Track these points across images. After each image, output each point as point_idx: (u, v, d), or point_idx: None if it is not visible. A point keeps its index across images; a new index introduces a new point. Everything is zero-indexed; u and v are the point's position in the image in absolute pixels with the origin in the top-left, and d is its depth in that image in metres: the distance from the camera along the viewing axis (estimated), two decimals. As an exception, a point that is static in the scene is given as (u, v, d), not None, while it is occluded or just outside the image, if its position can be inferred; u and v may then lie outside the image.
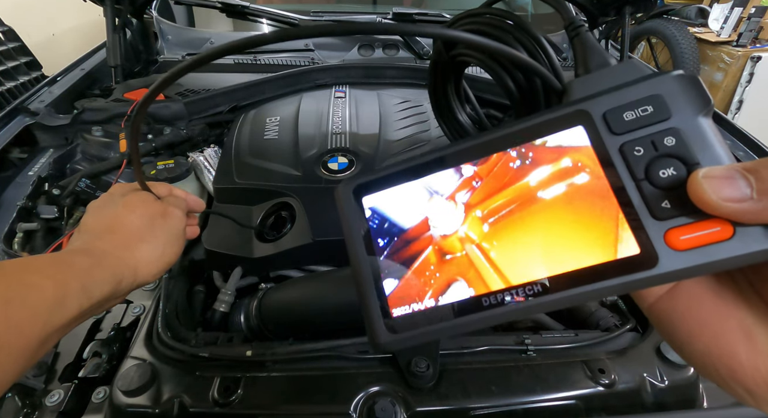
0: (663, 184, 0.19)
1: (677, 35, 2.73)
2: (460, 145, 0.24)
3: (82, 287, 0.35)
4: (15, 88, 1.56)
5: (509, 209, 0.22)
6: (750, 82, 2.86)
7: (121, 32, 1.17)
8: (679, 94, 0.20)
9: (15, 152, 0.93)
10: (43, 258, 0.35)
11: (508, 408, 0.49)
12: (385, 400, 0.48)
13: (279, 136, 0.84)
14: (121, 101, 0.98)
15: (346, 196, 0.26)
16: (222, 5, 1.20)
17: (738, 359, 0.19)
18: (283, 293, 0.61)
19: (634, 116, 0.20)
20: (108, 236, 0.41)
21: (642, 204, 0.19)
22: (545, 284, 0.20)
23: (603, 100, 0.21)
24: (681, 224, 0.19)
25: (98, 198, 0.46)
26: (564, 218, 0.21)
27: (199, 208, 0.53)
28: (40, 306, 0.31)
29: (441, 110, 0.53)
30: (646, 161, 0.20)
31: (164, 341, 0.54)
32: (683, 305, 0.21)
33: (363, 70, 1.09)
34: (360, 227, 0.25)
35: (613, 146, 0.20)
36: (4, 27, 1.67)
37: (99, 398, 0.51)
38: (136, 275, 0.40)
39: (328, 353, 0.53)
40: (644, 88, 0.21)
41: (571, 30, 0.29)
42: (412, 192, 0.24)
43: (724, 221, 0.18)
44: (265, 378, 0.51)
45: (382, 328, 0.23)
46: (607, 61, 0.26)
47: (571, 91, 0.25)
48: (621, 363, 0.53)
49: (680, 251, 0.18)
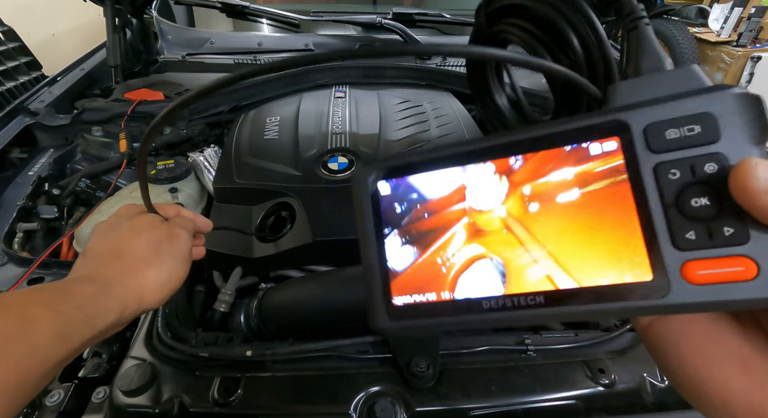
0: (692, 213, 0.18)
1: (677, 35, 2.73)
2: (489, 141, 0.22)
3: (86, 317, 0.34)
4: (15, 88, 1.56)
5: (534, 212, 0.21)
6: (750, 82, 2.86)
7: (121, 32, 1.18)
8: (735, 116, 0.18)
9: (15, 152, 0.93)
10: (46, 288, 0.35)
11: (508, 408, 0.49)
12: (385, 400, 0.48)
13: (279, 136, 0.84)
14: (121, 101, 0.98)
15: (362, 179, 0.24)
16: (222, 5, 1.20)
17: (731, 388, 0.18)
18: (283, 293, 0.61)
19: (678, 135, 0.19)
20: (114, 261, 0.40)
21: (665, 231, 0.18)
22: (569, 292, 0.20)
23: (647, 111, 0.19)
24: (702, 258, 0.18)
25: (105, 220, 0.45)
26: (581, 232, 0.20)
27: (206, 228, 0.52)
28: (40, 342, 0.30)
29: (479, 91, 0.49)
30: (679, 186, 0.18)
31: (164, 341, 0.54)
32: (677, 329, 0.21)
33: (363, 70, 1.09)
34: (371, 206, 0.24)
35: (647, 164, 0.19)
36: (4, 27, 1.66)
37: (99, 398, 0.50)
38: (141, 302, 0.40)
39: (328, 353, 0.53)
40: (696, 104, 0.19)
41: (630, 21, 0.25)
42: (438, 177, 0.23)
43: (749, 260, 0.17)
44: (265, 378, 0.51)
45: (383, 312, 0.22)
46: (663, 65, 0.23)
47: (615, 95, 0.23)
48: (621, 363, 0.53)
49: (695, 284, 0.18)
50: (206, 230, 0.52)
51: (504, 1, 0.41)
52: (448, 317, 0.21)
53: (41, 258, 0.65)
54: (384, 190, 0.24)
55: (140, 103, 0.94)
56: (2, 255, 0.67)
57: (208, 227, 0.52)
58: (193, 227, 0.49)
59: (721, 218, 0.18)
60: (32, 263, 0.65)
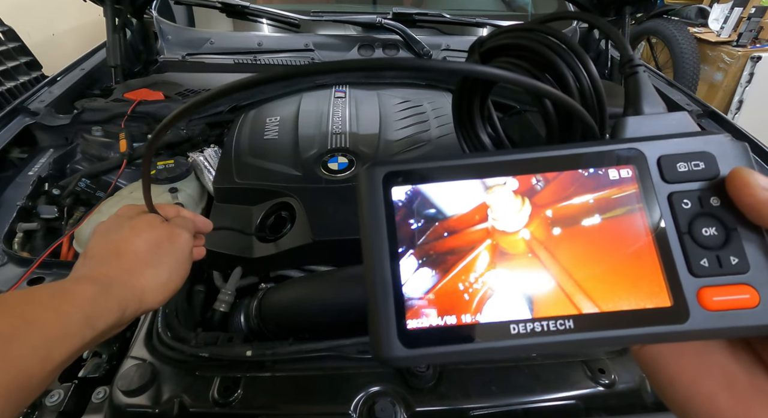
0: (703, 242, 0.19)
1: (677, 35, 2.73)
2: (512, 155, 0.22)
3: (87, 317, 0.34)
4: (15, 88, 1.56)
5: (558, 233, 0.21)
6: (750, 82, 2.86)
7: (121, 32, 1.18)
8: (729, 158, 0.20)
9: (15, 152, 0.93)
10: (47, 288, 0.34)
11: (508, 408, 0.49)
12: (385, 400, 0.48)
13: (279, 136, 0.84)
14: (121, 101, 0.98)
15: (372, 180, 0.22)
16: (222, 5, 1.20)
17: (717, 404, 0.19)
18: (283, 293, 0.61)
19: (687, 169, 0.20)
20: (114, 261, 0.40)
21: (682, 258, 0.19)
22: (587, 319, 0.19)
23: (660, 144, 0.21)
24: (714, 284, 0.19)
25: (105, 220, 0.45)
26: (603, 258, 0.20)
27: (206, 229, 0.52)
28: (41, 343, 0.30)
29: (462, 122, 0.51)
30: (691, 215, 0.20)
31: (164, 341, 0.54)
32: (669, 348, 0.21)
33: (363, 70, 1.09)
34: (383, 214, 0.21)
35: (662, 193, 0.20)
36: (4, 27, 1.67)
37: (99, 398, 0.50)
38: (141, 303, 0.39)
39: (328, 353, 0.53)
40: (698, 143, 0.21)
41: (629, 68, 0.29)
42: (460, 188, 0.22)
43: (752, 288, 0.18)
44: (265, 378, 0.51)
45: (394, 338, 0.19)
46: (661, 107, 0.26)
47: (623, 128, 0.24)
48: (621, 363, 0.53)
49: (710, 310, 0.19)
50: (206, 231, 0.52)
51: (499, 40, 0.42)
52: (472, 345, 0.19)
53: (41, 258, 0.65)
54: (398, 195, 0.21)
55: (140, 103, 0.94)
56: (2, 255, 0.67)
57: (209, 228, 0.52)
58: (193, 227, 0.48)
59: (727, 247, 0.19)
60: (32, 263, 0.65)
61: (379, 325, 0.19)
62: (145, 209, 0.46)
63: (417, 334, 0.19)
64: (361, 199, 0.22)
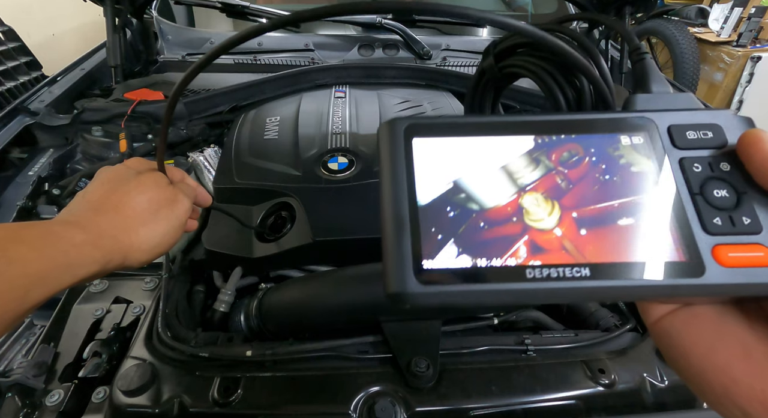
0: (716, 203, 0.20)
1: (677, 35, 2.73)
2: (533, 117, 0.23)
3: (69, 264, 0.34)
4: (15, 88, 1.56)
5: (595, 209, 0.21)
6: (750, 82, 2.86)
7: (121, 32, 1.17)
8: (737, 131, 0.22)
9: (15, 152, 0.93)
10: (35, 228, 0.34)
11: (508, 408, 0.49)
12: (385, 400, 0.48)
13: (279, 136, 0.84)
14: (121, 101, 0.98)
15: (394, 130, 0.22)
16: (222, 5, 1.20)
17: (732, 374, 0.19)
18: (283, 293, 0.61)
19: (696, 137, 0.22)
20: (111, 214, 0.40)
21: (695, 216, 0.20)
22: (599, 267, 0.20)
23: (669, 115, 0.23)
24: (729, 243, 0.19)
25: (113, 167, 0.44)
26: (621, 233, 0.20)
27: (206, 202, 0.52)
28: (20, 282, 0.30)
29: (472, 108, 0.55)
30: (702, 178, 0.21)
31: (164, 341, 0.54)
32: (684, 320, 0.21)
33: (363, 70, 1.09)
34: (403, 160, 0.21)
35: (674, 157, 0.22)
36: (4, 27, 1.67)
37: (99, 398, 0.51)
38: (125, 259, 0.39)
39: (328, 353, 0.53)
40: (706, 116, 0.22)
41: (636, 55, 0.33)
42: (479, 143, 0.22)
43: (766, 248, 0.19)
44: (265, 378, 0.51)
45: (410, 274, 0.19)
46: (669, 88, 0.28)
47: (633, 102, 0.26)
48: (621, 363, 0.53)
49: (725, 267, 0.19)
50: (205, 204, 0.53)
51: (513, 40, 0.48)
52: (487, 285, 0.19)
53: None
54: (418, 145, 0.22)
55: (140, 103, 0.94)
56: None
57: (208, 202, 0.53)
58: (195, 196, 0.49)
59: (739, 209, 0.20)
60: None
61: (394, 260, 0.19)
62: (154, 166, 0.46)
63: (433, 271, 0.19)
64: (383, 148, 0.22)
